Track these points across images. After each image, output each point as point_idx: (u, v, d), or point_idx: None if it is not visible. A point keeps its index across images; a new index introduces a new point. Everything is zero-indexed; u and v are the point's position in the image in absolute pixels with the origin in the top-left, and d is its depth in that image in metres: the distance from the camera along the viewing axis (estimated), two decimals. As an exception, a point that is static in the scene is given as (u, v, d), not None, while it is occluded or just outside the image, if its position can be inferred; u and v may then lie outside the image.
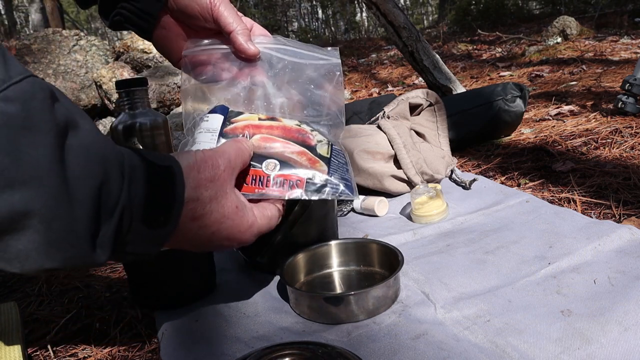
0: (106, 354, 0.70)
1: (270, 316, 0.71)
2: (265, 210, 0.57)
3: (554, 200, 1.02)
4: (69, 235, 0.37)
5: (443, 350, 0.58)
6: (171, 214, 0.45)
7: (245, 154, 0.56)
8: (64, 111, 0.37)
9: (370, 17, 11.70)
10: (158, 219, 0.44)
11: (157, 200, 0.44)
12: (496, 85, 1.51)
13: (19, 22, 14.18)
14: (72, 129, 0.38)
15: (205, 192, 0.48)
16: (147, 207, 0.43)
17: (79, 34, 3.50)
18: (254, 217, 0.54)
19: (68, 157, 0.36)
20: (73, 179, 0.36)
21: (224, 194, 0.51)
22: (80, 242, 0.38)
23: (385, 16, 1.91)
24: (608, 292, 0.65)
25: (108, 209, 0.39)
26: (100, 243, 0.40)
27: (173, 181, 0.45)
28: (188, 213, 0.47)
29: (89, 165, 0.38)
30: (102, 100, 3.07)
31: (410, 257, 0.82)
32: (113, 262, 1.01)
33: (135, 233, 0.43)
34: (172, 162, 0.46)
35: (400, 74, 3.61)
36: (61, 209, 0.36)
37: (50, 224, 0.35)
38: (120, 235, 0.41)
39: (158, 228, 0.45)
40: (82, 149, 0.38)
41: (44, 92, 0.36)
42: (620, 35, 3.49)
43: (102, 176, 0.38)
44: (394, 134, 1.15)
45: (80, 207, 0.37)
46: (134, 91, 0.73)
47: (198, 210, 0.48)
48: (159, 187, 0.44)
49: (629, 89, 1.47)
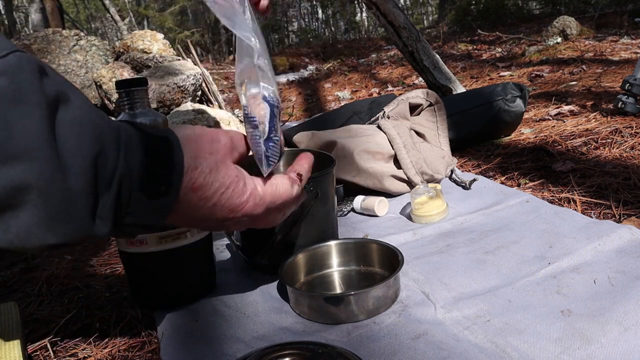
0: (106, 354, 0.70)
1: (270, 316, 0.71)
2: (272, 181, 0.54)
3: (554, 200, 1.02)
4: (68, 207, 0.36)
5: (443, 350, 0.58)
6: (171, 183, 0.44)
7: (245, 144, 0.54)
8: (53, 85, 0.37)
9: (370, 17, 11.71)
10: (158, 188, 0.43)
11: (155, 169, 0.43)
12: (496, 85, 1.51)
13: (19, 22, 14.18)
14: (63, 102, 0.37)
15: (204, 161, 0.47)
16: (146, 176, 0.42)
17: (79, 34, 3.50)
18: (253, 187, 0.51)
19: (60, 129, 0.36)
20: (67, 151, 0.36)
21: (224, 165, 0.49)
22: (80, 213, 0.37)
23: (385, 16, 1.91)
24: (608, 292, 0.65)
25: (106, 179, 0.39)
26: (100, 214, 0.39)
27: (171, 149, 0.45)
28: (188, 183, 0.46)
29: (83, 136, 0.37)
30: (102, 100, 3.08)
31: (410, 257, 0.82)
32: (113, 262, 1.01)
33: (135, 203, 0.42)
34: (168, 133, 0.46)
35: (400, 74, 3.61)
36: (57, 181, 0.35)
37: (47, 196, 0.35)
38: (120, 205, 0.41)
39: (159, 198, 0.44)
40: (74, 120, 0.37)
41: (32, 65, 0.36)
42: (620, 35, 3.49)
43: (97, 147, 0.38)
44: (394, 134, 1.15)
45: (76, 179, 0.36)
46: (134, 91, 0.73)
47: (198, 180, 0.47)
48: (156, 155, 0.43)
49: (629, 89, 1.47)
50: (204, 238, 0.77)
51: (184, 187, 0.45)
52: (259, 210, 0.52)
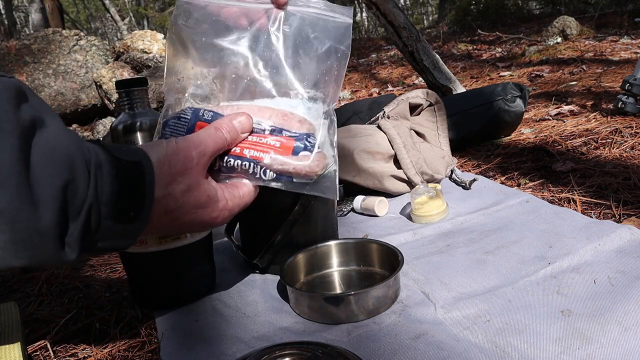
0: (106, 354, 0.70)
1: (270, 316, 0.71)
2: (237, 190, 0.55)
3: (554, 200, 1.02)
4: (33, 234, 0.37)
5: (443, 350, 0.58)
6: (142, 209, 0.45)
7: (224, 144, 0.53)
8: (30, 110, 0.37)
9: (370, 17, 11.70)
10: (127, 215, 0.44)
11: (125, 197, 0.43)
12: (496, 85, 1.51)
13: (19, 22, 14.18)
14: (39, 128, 0.38)
15: (177, 186, 0.48)
16: (116, 204, 0.43)
17: (79, 34, 3.50)
18: (225, 201, 0.53)
19: (33, 157, 0.37)
20: (37, 179, 0.37)
21: (196, 186, 0.50)
22: (45, 241, 0.38)
23: (385, 16, 1.91)
24: (608, 292, 0.65)
25: (75, 207, 0.39)
26: (68, 242, 0.40)
27: (142, 177, 0.45)
28: (160, 209, 0.47)
29: (54, 165, 0.38)
30: (102, 100, 3.07)
31: (410, 257, 0.82)
32: (113, 262, 1.01)
33: (104, 230, 0.43)
34: (141, 157, 0.46)
35: (400, 74, 3.61)
36: (24, 209, 0.36)
37: (14, 224, 0.36)
38: (88, 233, 0.41)
39: (128, 223, 0.44)
40: (47, 148, 0.38)
41: (9, 91, 0.36)
42: (620, 35, 3.49)
43: (67, 175, 0.39)
44: (394, 134, 1.15)
45: (45, 207, 0.37)
46: (134, 91, 0.73)
47: (170, 205, 0.47)
48: (127, 183, 0.44)
49: (629, 89, 1.47)
50: (204, 238, 0.77)
51: (156, 212, 0.46)
52: (227, 221, 0.55)
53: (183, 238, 0.73)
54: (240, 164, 0.55)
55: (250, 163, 0.55)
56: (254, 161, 0.55)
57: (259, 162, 0.55)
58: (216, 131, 0.53)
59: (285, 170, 0.55)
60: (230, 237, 0.85)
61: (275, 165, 0.55)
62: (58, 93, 3.17)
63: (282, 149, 0.55)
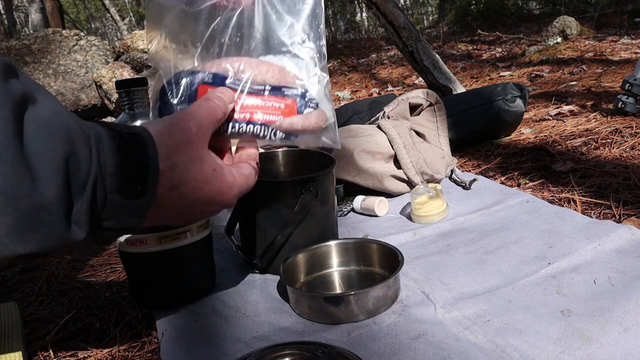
0: (106, 354, 0.70)
1: (270, 316, 0.71)
2: (242, 169, 0.54)
3: (554, 200, 1.02)
4: (39, 212, 0.34)
5: (443, 350, 0.58)
6: (147, 182, 0.43)
7: (218, 112, 0.52)
8: (20, 86, 0.35)
9: (370, 17, 11.71)
10: (134, 188, 0.42)
11: (130, 169, 0.41)
12: (496, 85, 1.51)
13: (19, 22, 14.18)
14: (31, 104, 0.36)
15: (180, 157, 0.46)
16: (121, 176, 0.40)
17: (79, 34, 3.50)
18: (232, 177, 0.52)
19: (27, 131, 0.34)
20: (34, 154, 0.34)
21: (200, 158, 0.48)
22: (53, 219, 0.35)
23: (385, 16, 1.91)
24: (608, 292, 0.65)
25: (79, 182, 0.37)
26: (75, 219, 0.37)
27: (144, 147, 0.43)
28: (166, 182, 0.45)
29: (52, 138, 0.35)
30: (102, 100, 3.08)
31: (410, 257, 0.82)
32: (113, 262, 1.01)
33: (112, 206, 0.40)
34: (139, 130, 0.44)
35: (400, 74, 3.61)
36: (25, 185, 0.33)
37: (16, 202, 0.33)
38: (96, 209, 0.39)
39: (136, 199, 0.42)
40: (42, 122, 0.35)
41: None
42: (620, 35, 3.49)
43: (67, 149, 0.36)
44: (394, 134, 1.15)
45: (46, 183, 0.35)
46: (134, 91, 0.73)
47: (175, 178, 0.46)
48: (129, 154, 0.42)
49: (629, 89, 1.47)
50: (204, 238, 0.77)
51: (161, 187, 0.44)
52: (235, 200, 0.53)
53: (183, 238, 0.73)
54: (253, 128, 0.56)
55: (262, 126, 0.57)
56: (265, 124, 0.57)
57: (270, 125, 0.57)
58: (207, 101, 0.52)
59: (294, 129, 0.58)
60: (230, 237, 0.85)
61: (285, 126, 0.57)
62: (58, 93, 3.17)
63: (287, 109, 0.57)
